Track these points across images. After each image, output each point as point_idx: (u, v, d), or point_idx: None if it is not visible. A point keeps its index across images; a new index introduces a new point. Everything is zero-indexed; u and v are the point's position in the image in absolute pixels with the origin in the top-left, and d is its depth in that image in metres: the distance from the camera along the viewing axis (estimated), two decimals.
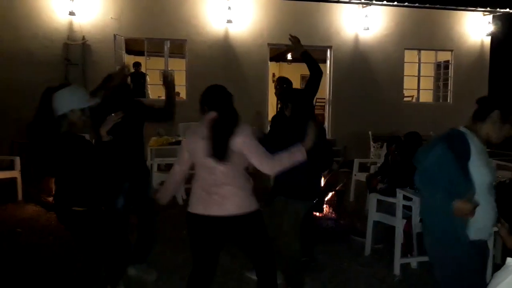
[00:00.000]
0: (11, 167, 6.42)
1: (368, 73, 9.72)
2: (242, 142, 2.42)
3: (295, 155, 2.48)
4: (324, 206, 5.36)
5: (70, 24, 8.53)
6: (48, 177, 6.30)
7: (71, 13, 8.40)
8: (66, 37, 8.50)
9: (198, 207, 2.49)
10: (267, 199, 3.88)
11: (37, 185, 6.56)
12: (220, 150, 2.39)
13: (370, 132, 9.12)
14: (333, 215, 5.20)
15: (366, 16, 9.48)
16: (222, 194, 2.44)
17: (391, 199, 4.05)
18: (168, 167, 7.12)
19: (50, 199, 5.98)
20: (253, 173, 2.65)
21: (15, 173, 6.31)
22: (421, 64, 10.39)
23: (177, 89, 10.65)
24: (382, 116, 9.59)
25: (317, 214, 5.18)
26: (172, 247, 4.40)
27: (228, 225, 2.47)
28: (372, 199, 4.33)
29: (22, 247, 4.41)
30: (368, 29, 9.55)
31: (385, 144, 6.18)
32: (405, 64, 10.07)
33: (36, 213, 5.63)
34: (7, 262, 3.98)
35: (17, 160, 6.41)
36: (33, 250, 4.31)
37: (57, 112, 2.55)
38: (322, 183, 5.30)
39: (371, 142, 9.00)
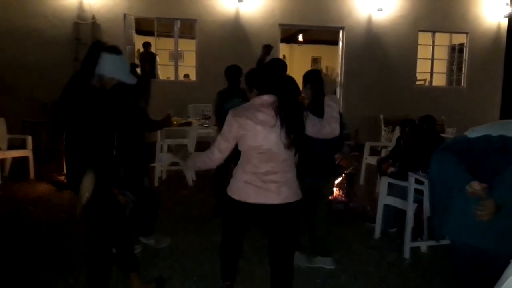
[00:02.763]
0: (23, 146, 6.48)
1: (381, 55, 9.55)
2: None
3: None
4: (334, 188, 5.34)
5: (80, 3, 8.45)
6: (61, 156, 6.37)
7: None
8: (76, 16, 8.43)
9: (250, 196, 2.40)
10: None
11: (48, 164, 6.66)
12: (299, 141, 2.38)
13: (381, 116, 9.03)
14: (343, 198, 5.17)
15: None
16: (280, 182, 2.39)
17: (402, 183, 4.01)
18: (178, 148, 7.13)
19: (62, 178, 6.03)
20: None
21: (27, 152, 6.36)
22: (435, 47, 10.18)
23: (186, 70, 10.66)
24: (394, 99, 9.47)
25: None
26: (184, 227, 4.44)
27: (278, 212, 2.43)
28: (383, 182, 4.30)
29: (34, 224, 4.47)
30: (381, 9, 9.34)
31: (396, 127, 6.11)
32: (418, 46, 9.87)
33: (47, 191, 5.69)
34: (19, 239, 4.04)
35: (29, 139, 6.46)
36: (45, 227, 4.37)
37: (98, 69, 2.58)
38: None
39: (383, 126, 8.91)
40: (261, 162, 2.38)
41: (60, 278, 3.27)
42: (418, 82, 10.51)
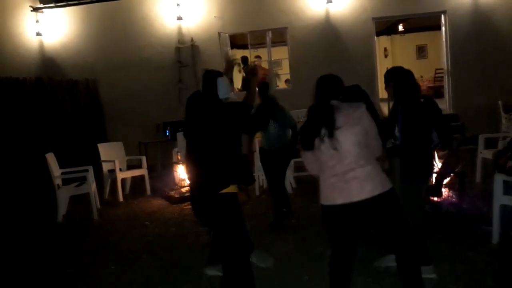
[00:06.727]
0: (139, 165, 7.15)
1: (492, 36, 8.52)
2: (360, 116, 2.43)
3: None
4: (444, 189, 4.91)
5: (179, 29, 9.13)
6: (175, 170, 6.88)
7: (179, 18, 8.99)
8: (176, 41, 9.12)
9: (336, 197, 2.43)
10: None
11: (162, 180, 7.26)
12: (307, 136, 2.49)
13: (500, 102, 8.06)
14: (454, 199, 4.73)
15: None
16: (361, 177, 2.38)
17: None
18: None
19: (173, 193, 6.52)
20: None
21: (143, 171, 7.01)
22: None
23: (283, 77, 10.79)
24: None
25: (435, 198, 4.76)
26: (282, 237, 4.46)
27: (370, 208, 2.40)
28: (498, 180, 3.82)
29: (149, 237, 4.88)
30: None
31: None
32: None
33: (161, 206, 6.18)
34: (136, 251, 4.45)
35: (144, 159, 7.11)
36: (157, 241, 4.74)
37: (220, 94, 2.88)
38: (439, 164, 4.87)
39: (502, 113, 7.94)
40: (335, 164, 2.43)
41: None
42: None
